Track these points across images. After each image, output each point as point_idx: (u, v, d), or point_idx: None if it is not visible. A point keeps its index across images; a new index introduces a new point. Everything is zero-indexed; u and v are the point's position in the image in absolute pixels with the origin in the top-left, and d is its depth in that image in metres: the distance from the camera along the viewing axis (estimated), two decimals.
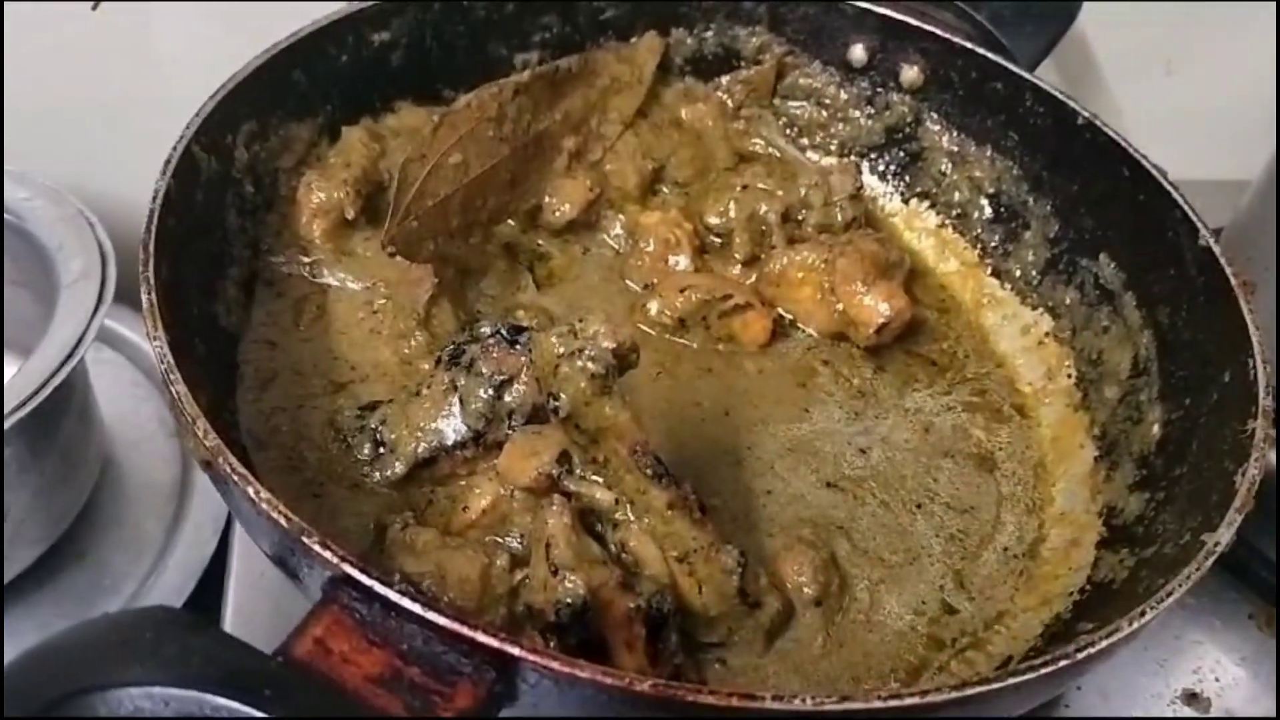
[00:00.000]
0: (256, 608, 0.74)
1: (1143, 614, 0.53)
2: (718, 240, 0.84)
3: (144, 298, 0.56)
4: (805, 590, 0.65)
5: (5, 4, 0.93)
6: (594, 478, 0.59)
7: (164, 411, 0.97)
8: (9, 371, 0.75)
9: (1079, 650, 0.50)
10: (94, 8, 0.92)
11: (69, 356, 0.76)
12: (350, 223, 0.75)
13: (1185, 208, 0.74)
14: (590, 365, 0.60)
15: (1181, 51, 1.22)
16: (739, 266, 0.83)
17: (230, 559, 0.79)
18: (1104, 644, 0.51)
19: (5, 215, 0.86)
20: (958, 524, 0.72)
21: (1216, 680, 0.78)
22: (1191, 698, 0.77)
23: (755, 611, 0.62)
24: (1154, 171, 0.77)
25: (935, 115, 0.90)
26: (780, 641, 0.63)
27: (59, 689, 0.39)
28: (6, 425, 0.73)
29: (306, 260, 0.74)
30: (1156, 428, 0.71)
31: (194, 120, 0.67)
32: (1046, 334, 0.83)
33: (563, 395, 0.61)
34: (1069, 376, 0.80)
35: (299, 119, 0.76)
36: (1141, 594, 0.57)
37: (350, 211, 0.74)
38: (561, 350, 0.61)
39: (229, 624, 0.73)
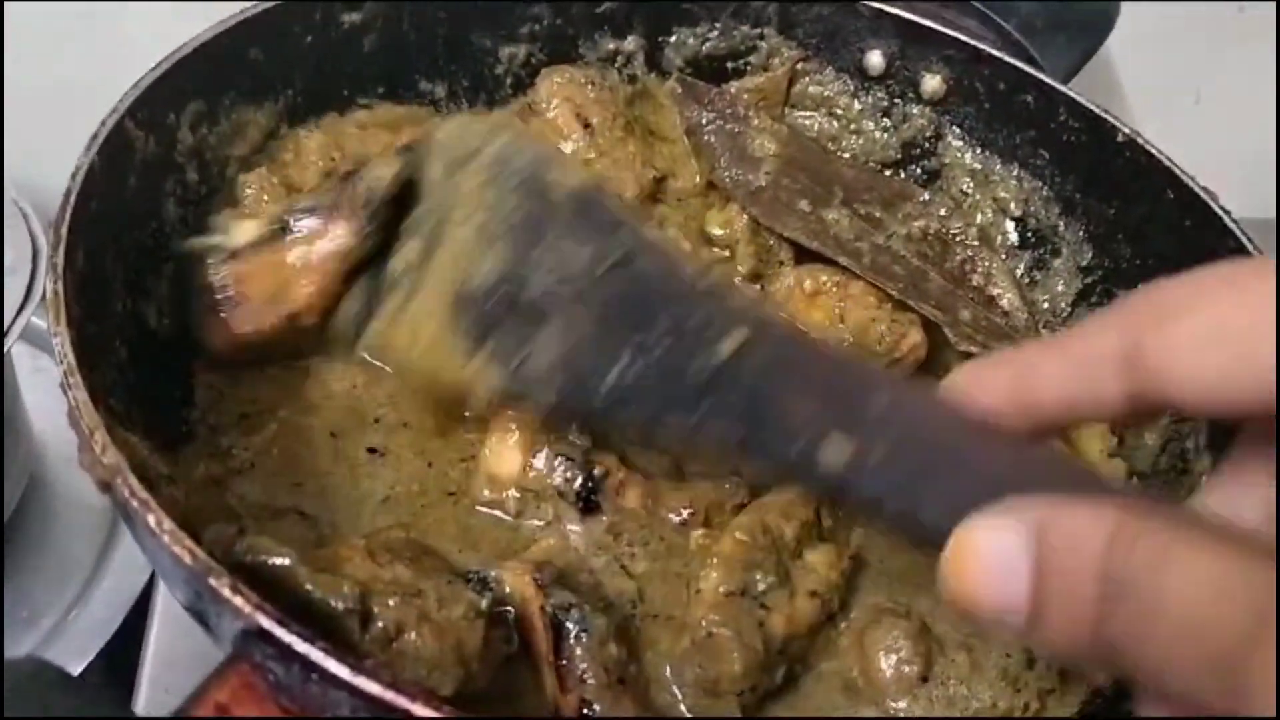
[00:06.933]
0: (179, 653, 0.64)
1: None
2: (724, 254, 0.75)
3: (48, 286, 0.48)
4: (906, 669, 0.55)
5: None
6: None
7: None
8: None
9: None
10: None
11: None
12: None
13: (1241, 236, 0.67)
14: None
15: (1210, 82, 1.16)
16: (741, 281, 0.74)
17: (155, 596, 0.69)
18: None
19: None
20: None
21: None
22: None
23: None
24: (1204, 195, 0.70)
25: (958, 129, 0.82)
26: None
27: None
28: None
29: None
30: (1206, 479, 0.63)
31: (130, 94, 0.59)
32: None
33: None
34: None
35: (255, 103, 0.68)
36: None
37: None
38: None
39: (148, 670, 0.64)
